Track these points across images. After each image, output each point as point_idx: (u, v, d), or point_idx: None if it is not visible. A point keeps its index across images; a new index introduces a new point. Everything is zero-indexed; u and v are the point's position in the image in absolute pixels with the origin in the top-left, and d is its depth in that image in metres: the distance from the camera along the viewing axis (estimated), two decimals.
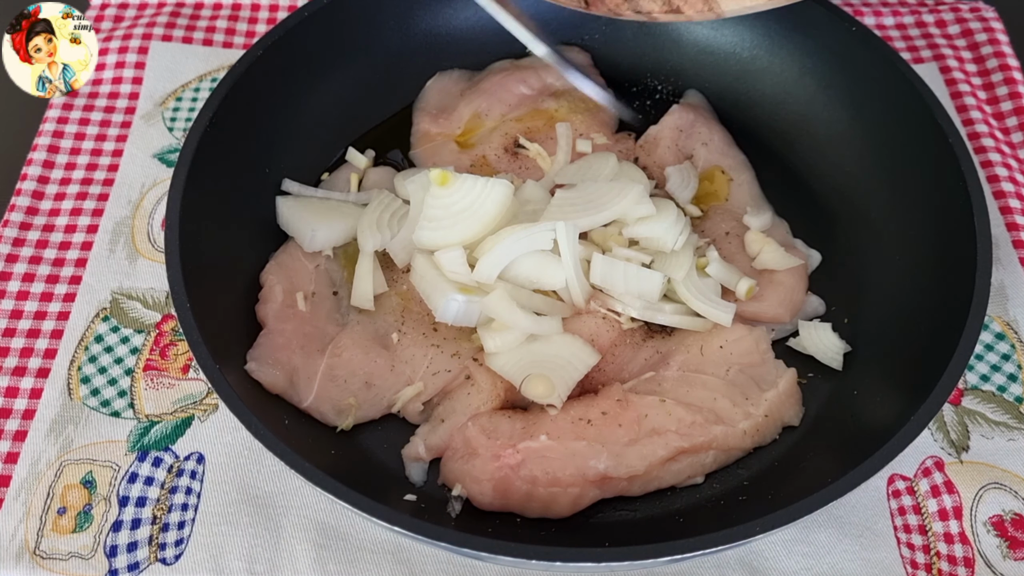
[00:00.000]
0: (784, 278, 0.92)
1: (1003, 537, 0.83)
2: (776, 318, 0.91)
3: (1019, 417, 0.89)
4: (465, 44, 1.08)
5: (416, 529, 0.68)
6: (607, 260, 0.87)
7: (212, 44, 1.17)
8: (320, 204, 0.96)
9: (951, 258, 0.85)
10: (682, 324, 0.88)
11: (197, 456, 0.86)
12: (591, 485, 0.79)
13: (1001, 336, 0.94)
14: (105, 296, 0.96)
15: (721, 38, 1.07)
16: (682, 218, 0.91)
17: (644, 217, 0.89)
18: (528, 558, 0.67)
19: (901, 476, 0.86)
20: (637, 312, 0.87)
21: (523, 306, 0.85)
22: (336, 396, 0.85)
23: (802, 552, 0.81)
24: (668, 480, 0.82)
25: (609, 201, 0.89)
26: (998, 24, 1.18)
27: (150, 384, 0.90)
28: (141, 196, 1.03)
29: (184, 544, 0.81)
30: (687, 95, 1.09)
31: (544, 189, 0.95)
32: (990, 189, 1.04)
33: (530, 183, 0.95)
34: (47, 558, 0.80)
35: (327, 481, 0.70)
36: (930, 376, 0.76)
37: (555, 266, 0.86)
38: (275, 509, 0.83)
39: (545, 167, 1.00)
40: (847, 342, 0.90)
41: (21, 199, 1.02)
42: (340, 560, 0.81)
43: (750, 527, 0.70)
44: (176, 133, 1.08)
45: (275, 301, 0.88)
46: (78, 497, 0.83)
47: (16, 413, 0.88)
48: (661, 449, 0.80)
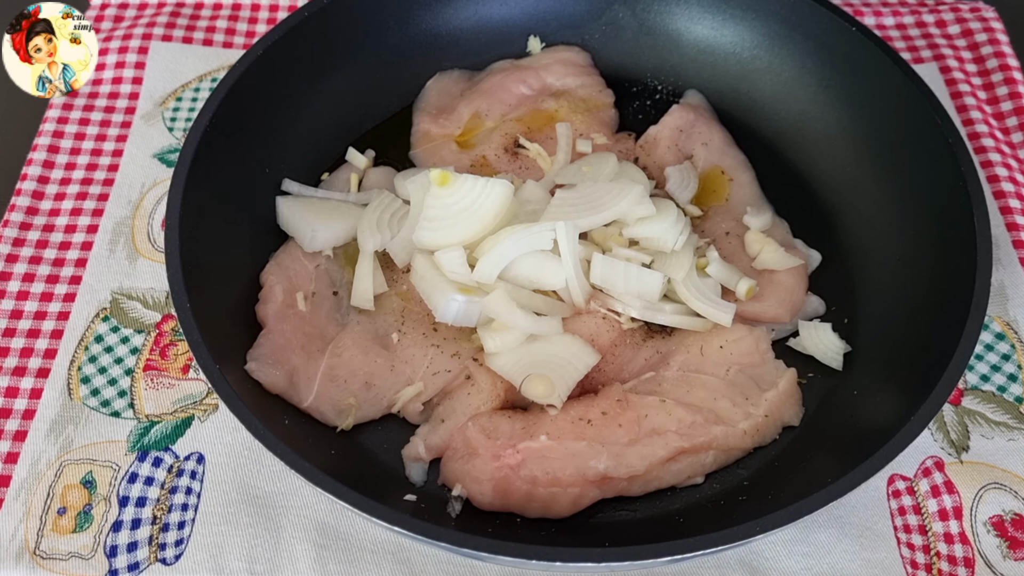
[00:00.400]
0: (784, 278, 0.92)
1: (1003, 537, 0.83)
2: (776, 318, 0.91)
3: (1019, 417, 0.89)
4: (465, 44, 1.08)
5: (416, 529, 0.68)
6: (607, 260, 0.87)
7: (212, 44, 1.17)
8: (320, 204, 0.96)
9: (951, 258, 0.85)
10: (682, 324, 0.88)
11: (197, 456, 0.86)
12: (591, 485, 0.79)
13: (1001, 336, 0.94)
14: (105, 296, 0.96)
15: (721, 38, 1.08)
16: (682, 218, 0.91)
17: (644, 217, 0.89)
18: (528, 558, 0.67)
19: (901, 476, 0.86)
20: (637, 312, 0.87)
21: (523, 306, 0.85)
22: (336, 396, 0.85)
23: (802, 552, 0.81)
24: (668, 480, 0.82)
25: (609, 201, 0.89)
26: (998, 24, 1.18)
27: (150, 384, 0.90)
28: (141, 196, 1.03)
29: (184, 544, 0.81)
30: (687, 95, 1.09)
31: (544, 189, 0.95)
32: (990, 189, 1.04)
33: (530, 183, 0.95)
34: (47, 558, 0.80)
35: (327, 481, 0.70)
36: (930, 376, 0.76)
37: (555, 266, 0.86)
38: (275, 509, 0.83)
39: (545, 167, 1.00)
40: (847, 342, 0.90)
41: (21, 199, 1.02)
42: (340, 560, 0.81)
43: (750, 527, 0.70)
44: (176, 133, 1.08)
45: (275, 301, 0.88)
46: (78, 497, 0.83)
47: (16, 413, 0.88)
48: (661, 449, 0.80)
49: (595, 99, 1.06)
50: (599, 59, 1.10)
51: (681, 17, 1.09)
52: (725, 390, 0.84)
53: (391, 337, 0.88)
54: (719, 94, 1.08)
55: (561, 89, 1.06)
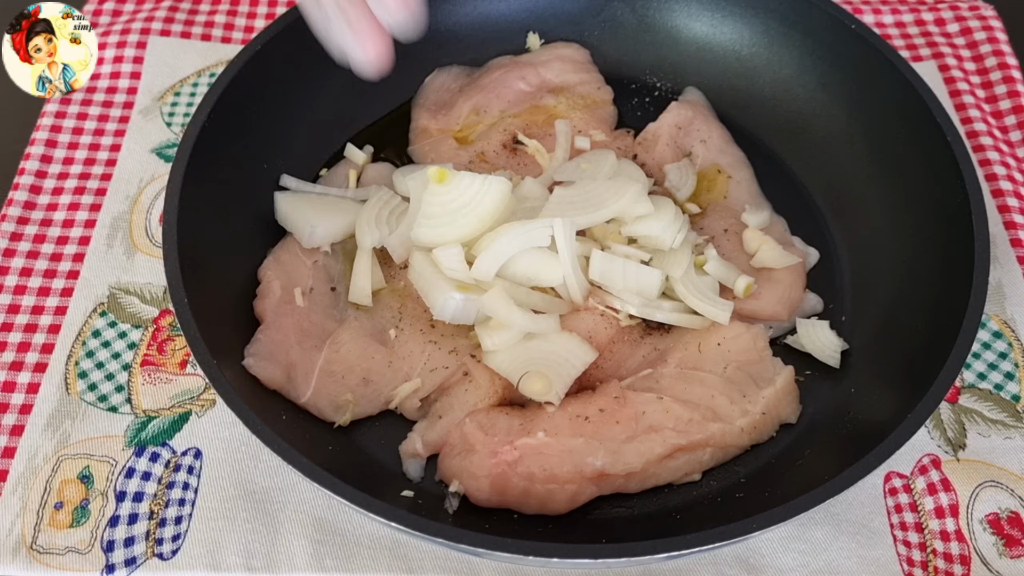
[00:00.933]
0: (782, 276, 0.92)
1: (999, 535, 0.83)
2: (774, 316, 0.91)
3: (1016, 415, 0.89)
4: (464, 40, 1.08)
5: (413, 525, 0.68)
6: (606, 256, 0.87)
7: (210, 39, 1.17)
8: (318, 200, 0.96)
9: (949, 256, 0.85)
10: (680, 322, 0.88)
11: (194, 451, 0.86)
12: (588, 482, 0.79)
13: (998, 334, 0.94)
14: (103, 291, 0.95)
15: (721, 36, 1.08)
16: (680, 216, 0.91)
17: (642, 216, 0.89)
18: (525, 554, 0.67)
19: (898, 474, 0.86)
20: (635, 309, 0.87)
21: (521, 304, 0.85)
22: (334, 392, 0.85)
23: (799, 549, 0.82)
24: (665, 477, 0.82)
25: (608, 199, 0.89)
26: (997, 23, 1.18)
27: (147, 379, 0.90)
28: (139, 191, 1.03)
29: (181, 539, 0.81)
30: (686, 92, 1.09)
31: (542, 186, 0.95)
32: (988, 187, 1.04)
33: (528, 180, 0.95)
34: (44, 553, 0.80)
35: (324, 477, 0.70)
36: (927, 374, 0.77)
37: (553, 263, 0.86)
38: (272, 504, 0.83)
39: (543, 163, 1.00)
40: (844, 340, 0.90)
41: (18, 193, 1.01)
42: (337, 555, 0.81)
43: (747, 524, 0.70)
44: (174, 128, 1.08)
45: (273, 297, 0.88)
46: (75, 492, 0.83)
47: (13, 408, 0.88)
48: (658, 446, 0.80)
49: (594, 96, 1.06)
50: (598, 56, 1.10)
51: (680, 14, 1.09)
52: (723, 387, 0.84)
53: (389, 333, 0.88)
54: (718, 91, 1.08)
55: (560, 86, 1.06)
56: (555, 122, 1.02)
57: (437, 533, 0.68)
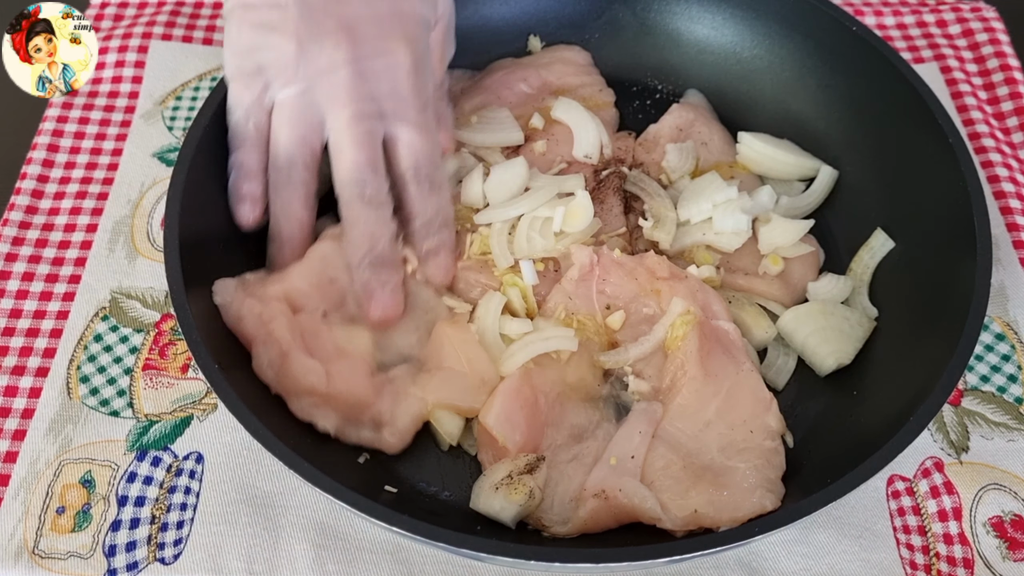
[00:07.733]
0: (794, 266, 0.92)
1: (1003, 538, 0.82)
2: (776, 299, 0.91)
3: (1019, 418, 0.89)
4: (465, 43, 1.07)
5: (415, 530, 0.68)
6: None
7: (212, 43, 1.17)
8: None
9: (951, 258, 0.85)
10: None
11: (196, 456, 0.86)
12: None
13: (1001, 337, 0.94)
14: (104, 295, 0.95)
15: (721, 38, 1.08)
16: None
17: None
18: (527, 558, 0.67)
19: (901, 477, 0.86)
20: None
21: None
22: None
23: (801, 553, 0.81)
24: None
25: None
26: (999, 24, 1.18)
27: (149, 383, 0.90)
28: (141, 195, 1.03)
29: (183, 544, 0.81)
30: (687, 95, 1.09)
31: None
32: (990, 189, 1.03)
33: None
34: (46, 557, 0.80)
35: (326, 481, 0.70)
36: (930, 377, 0.76)
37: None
38: (274, 509, 0.83)
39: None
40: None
41: (21, 198, 1.02)
42: (339, 560, 0.81)
43: (749, 528, 0.70)
44: (176, 132, 1.08)
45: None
46: (77, 496, 0.83)
47: (15, 412, 0.88)
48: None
49: (595, 98, 1.06)
50: (599, 58, 1.10)
51: (681, 17, 1.09)
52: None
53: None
54: (719, 94, 1.08)
55: (561, 88, 1.06)
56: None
57: (439, 538, 0.68)
